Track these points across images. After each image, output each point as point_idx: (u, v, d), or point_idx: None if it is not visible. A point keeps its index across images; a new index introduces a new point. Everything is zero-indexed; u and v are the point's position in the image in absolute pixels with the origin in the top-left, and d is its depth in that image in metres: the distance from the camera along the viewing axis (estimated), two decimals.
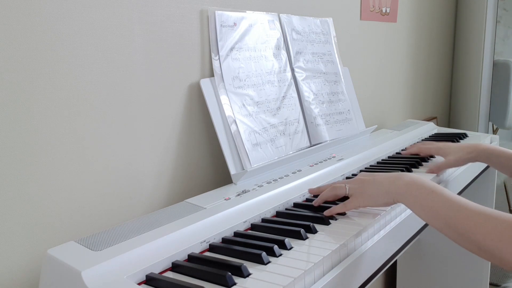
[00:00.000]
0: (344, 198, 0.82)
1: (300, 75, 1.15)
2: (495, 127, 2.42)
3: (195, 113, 0.96)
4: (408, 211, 0.87)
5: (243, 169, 0.94)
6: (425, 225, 0.96)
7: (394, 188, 0.75)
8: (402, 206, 0.86)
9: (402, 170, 1.05)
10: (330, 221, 0.77)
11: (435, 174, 1.05)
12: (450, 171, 1.14)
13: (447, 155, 1.08)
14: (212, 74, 0.97)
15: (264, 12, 1.09)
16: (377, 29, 1.61)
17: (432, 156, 1.20)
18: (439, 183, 1.06)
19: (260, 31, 1.06)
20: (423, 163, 1.15)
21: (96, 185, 0.80)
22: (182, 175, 0.95)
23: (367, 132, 1.36)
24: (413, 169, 1.10)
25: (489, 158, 1.04)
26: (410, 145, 1.25)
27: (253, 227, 0.77)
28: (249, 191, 0.87)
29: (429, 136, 1.52)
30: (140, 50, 0.85)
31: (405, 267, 1.87)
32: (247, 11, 1.04)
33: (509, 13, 2.88)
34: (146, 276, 0.60)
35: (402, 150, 1.27)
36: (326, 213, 0.79)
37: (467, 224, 0.63)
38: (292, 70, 1.14)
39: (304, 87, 1.15)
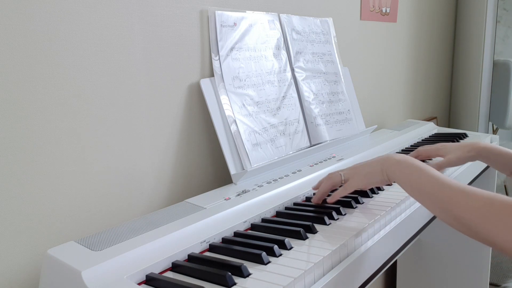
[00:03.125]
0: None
1: (300, 75, 1.15)
2: (495, 127, 2.42)
3: (195, 113, 0.96)
4: (408, 212, 0.87)
5: (243, 169, 0.94)
6: (425, 225, 0.96)
7: (386, 166, 0.79)
8: (402, 206, 0.86)
9: None
10: (330, 221, 0.77)
11: None
12: (450, 171, 1.14)
13: (447, 154, 1.08)
14: (212, 74, 0.97)
15: (264, 12, 1.09)
16: (377, 29, 1.61)
17: (429, 159, 1.20)
18: None
19: (260, 31, 1.06)
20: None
21: (96, 185, 0.80)
22: (182, 175, 0.95)
23: (367, 132, 1.36)
24: None
25: (488, 157, 1.04)
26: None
27: (253, 227, 0.77)
28: (249, 191, 0.87)
29: (429, 136, 1.52)
30: (140, 50, 0.85)
31: (405, 267, 1.87)
32: (247, 11, 1.04)
33: (509, 13, 2.88)
34: (146, 276, 0.60)
35: (411, 146, 1.26)
36: (330, 199, 0.82)
37: (449, 200, 0.67)
38: (292, 70, 1.14)
39: (304, 87, 1.15)
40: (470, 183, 1.28)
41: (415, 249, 1.81)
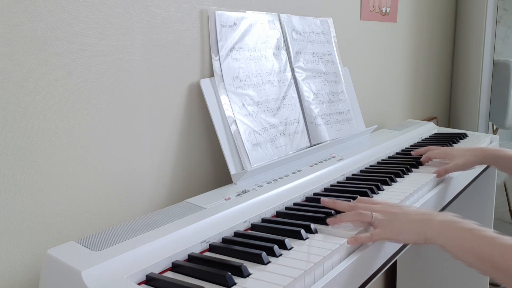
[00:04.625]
0: None
1: (300, 75, 1.15)
2: (495, 127, 2.42)
3: (195, 113, 0.96)
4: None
5: (243, 169, 0.94)
6: None
7: (427, 229, 0.72)
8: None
9: (402, 170, 1.05)
10: None
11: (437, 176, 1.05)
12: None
13: (454, 158, 1.08)
14: (212, 74, 0.97)
15: (264, 12, 1.09)
16: (377, 29, 1.61)
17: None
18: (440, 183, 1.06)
19: (260, 31, 1.06)
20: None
21: (96, 185, 0.80)
22: (182, 175, 0.95)
23: (367, 132, 1.36)
24: (413, 169, 1.10)
25: (497, 161, 1.04)
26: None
27: (253, 227, 0.77)
28: (249, 191, 0.87)
29: (429, 136, 1.52)
30: (140, 50, 0.85)
31: (405, 267, 1.87)
32: (247, 11, 1.04)
33: (509, 13, 2.88)
34: (146, 276, 0.60)
35: (411, 146, 1.27)
36: (351, 241, 0.70)
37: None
38: (292, 70, 1.14)
39: (304, 87, 1.15)
40: (470, 183, 1.28)
41: (415, 249, 1.81)
